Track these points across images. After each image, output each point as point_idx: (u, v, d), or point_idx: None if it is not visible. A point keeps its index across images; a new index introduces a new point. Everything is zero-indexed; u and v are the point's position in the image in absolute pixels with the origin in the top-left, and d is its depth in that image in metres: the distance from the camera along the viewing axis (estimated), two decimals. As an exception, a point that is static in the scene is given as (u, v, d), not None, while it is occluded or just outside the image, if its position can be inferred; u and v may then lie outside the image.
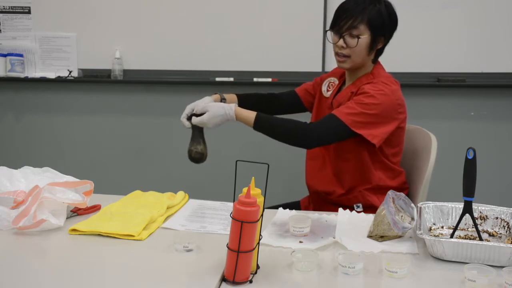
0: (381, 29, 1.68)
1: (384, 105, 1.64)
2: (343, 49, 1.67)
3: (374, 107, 1.62)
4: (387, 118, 1.65)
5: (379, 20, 1.66)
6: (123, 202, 1.52)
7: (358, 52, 1.67)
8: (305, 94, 1.94)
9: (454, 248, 1.11)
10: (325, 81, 1.88)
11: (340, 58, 1.70)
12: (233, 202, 1.01)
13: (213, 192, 1.83)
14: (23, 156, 3.13)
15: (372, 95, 1.63)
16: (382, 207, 1.28)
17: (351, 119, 1.61)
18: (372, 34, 1.66)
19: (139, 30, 2.89)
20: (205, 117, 1.65)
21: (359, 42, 1.65)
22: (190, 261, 1.13)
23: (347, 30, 1.65)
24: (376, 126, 1.64)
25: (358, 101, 1.63)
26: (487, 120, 2.78)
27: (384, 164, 1.75)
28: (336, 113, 1.63)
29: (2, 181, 1.45)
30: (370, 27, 1.65)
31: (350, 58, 1.68)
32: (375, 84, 1.67)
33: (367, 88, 1.65)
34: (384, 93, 1.64)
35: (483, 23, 2.65)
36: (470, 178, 1.18)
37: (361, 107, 1.62)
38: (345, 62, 1.70)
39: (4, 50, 2.98)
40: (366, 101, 1.62)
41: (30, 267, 1.10)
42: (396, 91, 1.70)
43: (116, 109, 3.04)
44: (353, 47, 1.66)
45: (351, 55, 1.67)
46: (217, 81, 2.82)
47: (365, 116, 1.62)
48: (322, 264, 1.11)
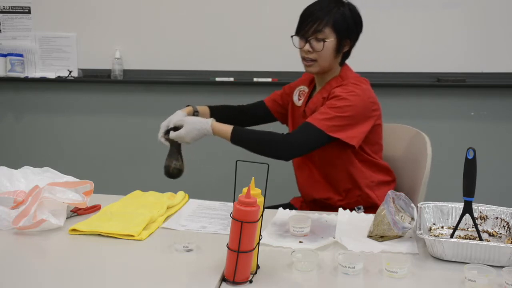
0: (346, 32, 1.69)
1: (357, 105, 1.65)
2: (310, 53, 1.68)
3: (347, 109, 1.63)
4: (362, 118, 1.66)
5: (343, 23, 1.67)
6: (123, 202, 1.52)
7: (325, 56, 1.68)
8: (274, 104, 1.94)
9: (454, 248, 1.11)
10: (295, 90, 1.88)
11: (307, 63, 1.71)
12: (233, 202, 1.01)
13: (213, 192, 1.83)
14: (23, 156, 3.13)
15: (344, 97, 1.64)
16: (382, 207, 1.28)
17: (326, 124, 1.61)
18: (337, 37, 1.67)
19: (139, 30, 2.89)
20: (182, 131, 1.66)
21: (325, 46, 1.66)
22: (190, 261, 1.13)
23: (312, 34, 1.66)
24: (352, 127, 1.64)
25: (330, 106, 1.64)
26: (487, 120, 2.77)
27: (370, 162, 1.77)
28: (311, 121, 1.63)
29: (2, 181, 1.45)
30: (335, 30, 1.66)
31: (317, 62, 1.69)
32: (345, 86, 1.68)
33: (338, 91, 1.66)
34: (355, 94, 1.65)
35: (483, 23, 2.65)
36: (470, 178, 1.18)
37: (335, 111, 1.62)
38: (312, 66, 1.70)
39: (4, 50, 2.98)
40: (339, 104, 1.63)
41: (30, 267, 1.10)
42: (367, 90, 1.70)
43: (116, 109, 3.04)
44: (319, 51, 1.66)
45: (318, 59, 1.68)
46: (217, 81, 2.82)
47: (340, 119, 1.62)
48: (322, 264, 1.11)
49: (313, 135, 1.63)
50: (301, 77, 1.92)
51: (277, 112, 1.94)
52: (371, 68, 2.75)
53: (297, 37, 1.71)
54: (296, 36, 1.71)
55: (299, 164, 1.84)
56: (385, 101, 2.82)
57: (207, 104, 1.99)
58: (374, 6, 2.71)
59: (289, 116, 1.89)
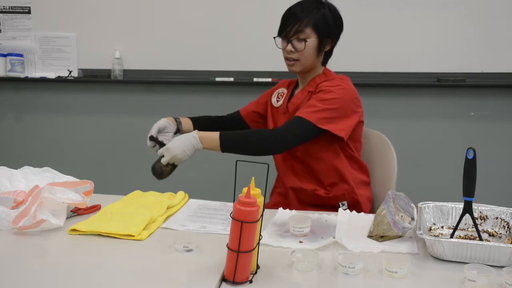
0: (327, 32, 1.73)
1: (344, 98, 1.69)
2: (292, 53, 1.72)
3: (335, 102, 1.67)
4: (349, 111, 1.70)
5: (324, 23, 1.71)
6: (123, 202, 1.52)
7: (307, 55, 1.72)
8: (248, 113, 1.97)
9: (454, 248, 1.11)
10: (273, 94, 1.92)
11: (290, 62, 1.75)
12: (233, 202, 1.01)
13: (213, 192, 1.83)
14: (23, 156, 3.13)
15: (331, 90, 1.68)
16: (382, 207, 1.28)
17: (315, 116, 1.64)
18: (318, 37, 1.71)
19: (139, 30, 2.89)
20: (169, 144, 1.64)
21: (307, 45, 1.70)
22: (190, 261, 1.13)
23: (294, 35, 1.71)
24: (340, 119, 1.68)
25: (318, 99, 1.67)
26: (487, 120, 2.77)
27: (354, 158, 1.79)
28: (300, 114, 1.66)
29: (2, 181, 1.45)
30: (316, 30, 1.70)
31: (299, 62, 1.73)
32: (332, 80, 1.73)
33: (325, 85, 1.71)
34: (342, 87, 1.70)
35: (483, 23, 2.65)
36: (470, 178, 1.18)
37: (323, 103, 1.66)
38: (295, 66, 1.75)
39: (4, 50, 2.98)
40: (327, 97, 1.67)
41: (30, 267, 1.10)
42: (351, 86, 1.75)
43: (116, 109, 3.04)
44: (301, 51, 1.71)
45: (300, 58, 1.72)
46: (217, 81, 2.82)
47: (328, 112, 1.65)
48: (322, 264, 1.11)
49: (303, 128, 1.65)
50: (279, 82, 1.96)
51: (253, 121, 1.96)
52: (371, 68, 2.75)
53: (280, 38, 1.76)
54: (279, 37, 1.76)
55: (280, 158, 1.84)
56: (385, 101, 2.84)
57: (208, 104, 2.00)
58: (374, 6, 2.71)
59: (269, 118, 1.90)
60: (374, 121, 2.84)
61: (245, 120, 1.97)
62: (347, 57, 2.76)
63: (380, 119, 2.83)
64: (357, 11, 2.72)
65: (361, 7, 2.72)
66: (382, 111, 2.84)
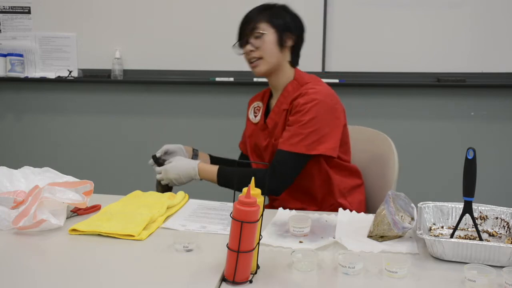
0: (284, 25, 1.68)
1: (323, 114, 1.61)
2: (252, 52, 1.68)
3: (315, 122, 1.60)
4: (331, 125, 1.64)
5: (278, 16, 1.68)
6: (123, 202, 1.52)
7: (268, 50, 1.66)
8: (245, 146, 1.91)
9: (454, 248, 1.11)
10: (249, 110, 1.87)
11: (254, 63, 1.70)
12: (233, 202, 1.01)
13: (213, 192, 1.83)
14: (23, 156, 3.13)
15: (308, 109, 1.61)
16: (382, 207, 1.28)
17: (303, 145, 1.59)
18: (276, 31, 1.67)
19: (139, 30, 2.89)
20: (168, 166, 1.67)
21: (264, 39, 1.66)
22: (190, 261, 1.13)
23: (250, 33, 1.68)
24: (326, 137, 1.62)
25: (297, 123, 1.61)
26: (487, 120, 2.78)
27: (340, 166, 1.74)
28: (287, 148, 1.61)
29: (2, 181, 1.45)
30: (272, 24, 1.67)
31: (263, 60, 1.68)
32: (306, 96, 1.63)
33: (301, 103, 1.62)
34: (317, 102, 1.61)
35: (483, 23, 2.65)
36: (470, 178, 1.18)
37: (304, 128, 1.60)
38: (260, 65, 1.68)
39: (4, 50, 2.99)
40: (306, 119, 1.60)
41: (30, 267, 1.10)
42: (326, 91, 1.66)
43: (116, 109, 3.04)
44: (260, 46, 1.66)
45: (263, 55, 1.67)
46: (217, 81, 2.82)
47: (313, 134, 1.60)
48: (322, 264, 1.11)
49: (296, 161, 1.62)
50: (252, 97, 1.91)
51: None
52: (371, 68, 2.75)
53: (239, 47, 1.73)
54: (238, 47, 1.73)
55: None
56: (385, 101, 2.84)
57: (208, 104, 2.00)
58: (374, 6, 2.71)
59: (247, 134, 1.85)
60: (374, 121, 2.84)
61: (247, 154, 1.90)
62: (347, 57, 2.77)
63: (380, 119, 2.83)
64: (357, 11, 2.73)
65: (361, 7, 2.72)
66: (382, 111, 2.84)
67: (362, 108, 2.81)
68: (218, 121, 2.94)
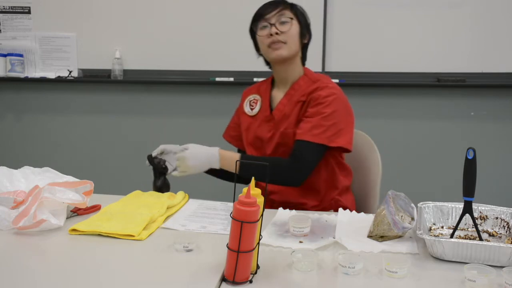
0: (305, 21, 1.72)
1: (342, 109, 1.65)
2: (278, 35, 1.65)
3: (336, 115, 1.62)
4: (347, 120, 1.67)
5: (301, 11, 1.72)
6: (123, 202, 1.52)
7: (293, 37, 1.67)
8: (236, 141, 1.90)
9: (454, 248, 1.11)
10: (244, 104, 1.84)
11: (277, 45, 1.66)
12: (233, 202, 1.01)
13: (213, 192, 1.83)
14: (23, 156, 3.13)
15: (330, 102, 1.63)
16: (382, 207, 1.28)
17: (324, 136, 1.60)
18: (299, 23, 1.69)
19: (139, 30, 2.89)
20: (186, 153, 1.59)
21: (292, 26, 1.66)
22: (190, 261, 1.13)
23: (275, 17, 1.65)
24: (344, 131, 1.64)
25: (319, 114, 1.62)
26: (487, 120, 2.78)
27: (342, 165, 1.76)
28: (307, 138, 1.60)
29: (2, 181, 1.45)
30: (296, 15, 1.69)
31: (286, 45, 1.66)
32: (326, 89, 1.66)
33: (322, 96, 1.64)
34: (337, 96, 1.65)
35: (483, 23, 2.65)
36: (470, 178, 1.18)
37: (326, 120, 1.61)
38: (282, 48, 1.66)
39: (4, 50, 2.99)
40: (328, 111, 1.61)
41: (30, 267, 1.10)
42: (340, 89, 1.70)
43: (116, 109, 3.04)
44: (287, 31, 1.65)
45: (287, 40, 1.66)
46: (217, 81, 2.82)
47: (334, 127, 1.61)
48: (322, 264, 1.11)
49: (317, 152, 1.62)
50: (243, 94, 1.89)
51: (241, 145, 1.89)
52: (371, 68, 2.75)
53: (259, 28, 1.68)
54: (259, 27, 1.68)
55: None
56: (385, 101, 2.84)
57: (208, 104, 1.99)
58: (374, 6, 2.71)
59: (244, 128, 1.83)
60: (374, 121, 2.84)
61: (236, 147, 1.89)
62: (347, 57, 2.77)
63: (380, 119, 2.83)
64: (357, 11, 2.73)
65: (361, 7, 2.72)
66: (382, 111, 2.84)
67: (362, 108, 2.80)
68: (218, 121, 2.93)
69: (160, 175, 1.69)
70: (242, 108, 1.85)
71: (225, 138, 1.93)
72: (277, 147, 1.72)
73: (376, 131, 2.79)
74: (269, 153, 1.74)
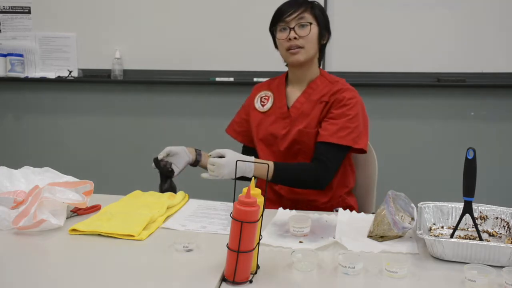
0: (324, 22, 1.71)
1: (362, 112, 1.69)
2: (296, 40, 1.66)
3: (358, 118, 1.66)
4: (365, 123, 1.70)
5: (321, 11, 1.71)
6: (123, 202, 1.52)
7: (311, 41, 1.67)
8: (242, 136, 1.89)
9: (454, 248, 1.11)
10: (255, 99, 1.83)
11: (294, 50, 1.67)
12: (233, 202, 1.01)
13: (213, 192, 1.83)
14: (23, 156, 3.13)
15: (353, 105, 1.66)
16: (382, 207, 1.28)
17: (350, 138, 1.63)
18: (319, 25, 1.69)
19: (139, 30, 2.89)
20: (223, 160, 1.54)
21: (311, 30, 1.66)
22: (190, 261, 1.13)
23: (295, 20, 1.65)
24: (364, 133, 1.68)
25: (345, 117, 1.64)
26: (487, 120, 2.78)
27: (351, 166, 1.80)
28: (334, 141, 1.63)
29: (2, 181, 1.45)
30: (316, 17, 1.68)
31: (304, 49, 1.67)
32: (349, 92, 1.69)
33: (346, 98, 1.67)
34: (357, 100, 1.68)
35: (483, 23, 2.65)
36: (470, 178, 1.18)
37: (351, 122, 1.64)
38: (300, 53, 1.67)
39: (4, 50, 2.99)
40: (352, 113, 1.65)
41: (30, 267, 1.10)
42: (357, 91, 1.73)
43: (116, 109, 3.04)
44: (305, 36, 1.65)
45: (305, 45, 1.67)
46: (217, 81, 2.82)
47: (357, 129, 1.65)
48: (322, 264, 1.11)
49: (342, 154, 1.66)
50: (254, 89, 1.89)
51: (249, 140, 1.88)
52: (371, 68, 2.75)
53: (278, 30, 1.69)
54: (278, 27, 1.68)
55: None
56: (385, 101, 2.84)
57: (208, 104, 1.99)
58: (374, 6, 2.71)
59: (254, 124, 1.82)
60: (374, 121, 2.83)
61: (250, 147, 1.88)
62: (347, 57, 2.77)
63: (380, 119, 2.83)
64: (357, 11, 2.73)
65: (361, 7, 2.72)
66: (382, 111, 2.84)
67: (362, 108, 2.81)
68: (218, 121, 2.93)
69: (167, 178, 1.69)
70: (252, 104, 1.85)
71: (228, 133, 1.92)
72: (292, 144, 1.72)
73: (376, 131, 2.79)
74: (283, 150, 1.74)
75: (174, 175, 1.69)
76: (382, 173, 1.91)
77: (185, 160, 1.71)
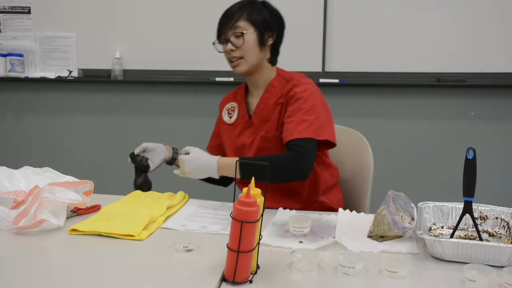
0: (264, 23, 1.64)
1: (320, 103, 1.62)
2: (233, 51, 1.63)
3: (315, 109, 1.59)
4: (326, 114, 1.63)
5: (258, 14, 1.64)
6: (123, 202, 1.52)
7: (249, 50, 1.62)
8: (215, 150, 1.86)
9: (454, 248, 1.11)
10: (223, 113, 1.81)
11: (234, 63, 1.65)
12: (233, 202, 1.01)
13: (213, 192, 1.83)
14: (23, 156, 3.13)
15: (307, 97, 1.60)
16: (382, 207, 1.28)
17: (311, 131, 1.56)
18: (256, 29, 1.62)
19: (139, 30, 2.89)
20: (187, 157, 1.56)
21: (245, 39, 1.61)
22: (190, 261, 1.13)
23: (230, 31, 1.62)
24: (326, 125, 1.60)
25: (300, 110, 1.58)
26: (487, 120, 2.78)
27: (325, 163, 1.73)
28: (298, 135, 1.55)
29: (2, 181, 1.45)
30: (252, 22, 1.62)
31: (243, 59, 1.64)
32: (301, 85, 1.63)
33: (298, 92, 1.61)
34: (312, 91, 1.62)
35: (483, 23, 2.65)
36: (470, 178, 1.18)
37: (307, 115, 1.57)
38: (241, 65, 1.64)
39: (4, 50, 2.99)
40: (307, 106, 1.58)
41: (30, 267, 1.10)
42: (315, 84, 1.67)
43: (116, 109, 3.04)
44: (241, 46, 1.62)
45: (244, 55, 1.63)
46: (217, 81, 2.82)
47: (316, 121, 1.58)
48: (322, 264, 1.11)
49: (311, 146, 1.56)
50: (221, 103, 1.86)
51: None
52: (371, 68, 2.75)
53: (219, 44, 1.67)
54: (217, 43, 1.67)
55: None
56: (385, 101, 2.84)
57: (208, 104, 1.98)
58: (374, 6, 2.71)
59: (225, 137, 1.79)
60: (374, 121, 2.84)
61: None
62: (347, 57, 2.77)
63: (380, 119, 2.83)
64: (357, 11, 2.73)
65: (361, 7, 2.72)
66: (382, 111, 2.84)
67: (362, 108, 2.81)
68: (218, 121, 2.94)
69: (141, 173, 1.68)
70: (221, 118, 1.82)
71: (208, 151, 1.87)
72: (258, 151, 1.68)
73: (376, 131, 2.80)
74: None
75: (150, 170, 1.68)
76: (382, 173, 1.90)
77: (162, 157, 1.70)
